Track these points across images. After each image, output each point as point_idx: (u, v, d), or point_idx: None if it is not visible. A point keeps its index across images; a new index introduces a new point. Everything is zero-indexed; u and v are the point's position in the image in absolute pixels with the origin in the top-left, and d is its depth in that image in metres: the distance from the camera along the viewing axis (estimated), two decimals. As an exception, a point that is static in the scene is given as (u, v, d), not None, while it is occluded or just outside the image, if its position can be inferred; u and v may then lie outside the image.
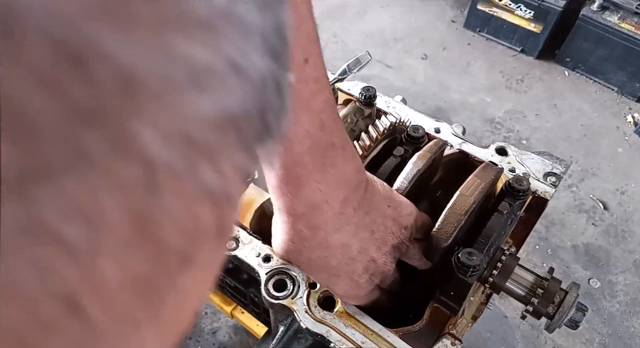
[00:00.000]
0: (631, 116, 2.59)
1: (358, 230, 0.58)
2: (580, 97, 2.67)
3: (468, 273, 0.66)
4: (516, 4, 2.65)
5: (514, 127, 2.49)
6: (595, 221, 2.15)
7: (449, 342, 0.71)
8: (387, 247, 0.63)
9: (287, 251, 0.60)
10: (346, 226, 0.56)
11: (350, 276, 0.62)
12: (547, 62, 2.81)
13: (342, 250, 0.58)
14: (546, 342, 1.80)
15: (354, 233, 0.58)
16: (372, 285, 0.65)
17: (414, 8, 3.11)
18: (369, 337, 0.71)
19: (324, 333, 0.71)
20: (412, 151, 0.78)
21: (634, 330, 1.86)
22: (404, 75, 2.72)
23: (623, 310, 1.90)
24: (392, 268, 0.65)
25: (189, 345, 1.71)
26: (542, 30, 2.68)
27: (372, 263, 0.62)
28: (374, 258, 0.62)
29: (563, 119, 2.56)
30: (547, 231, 2.09)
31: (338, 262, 0.59)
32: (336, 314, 0.72)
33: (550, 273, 0.74)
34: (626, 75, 2.61)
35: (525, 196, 0.75)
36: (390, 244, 0.63)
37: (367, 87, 0.85)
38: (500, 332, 1.81)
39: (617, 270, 2.01)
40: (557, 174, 0.87)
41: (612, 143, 2.46)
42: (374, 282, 0.65)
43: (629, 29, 2.47)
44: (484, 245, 0.69)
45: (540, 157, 0.88)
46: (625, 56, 2.54)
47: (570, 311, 0.70)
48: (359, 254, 0.60)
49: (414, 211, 0.67)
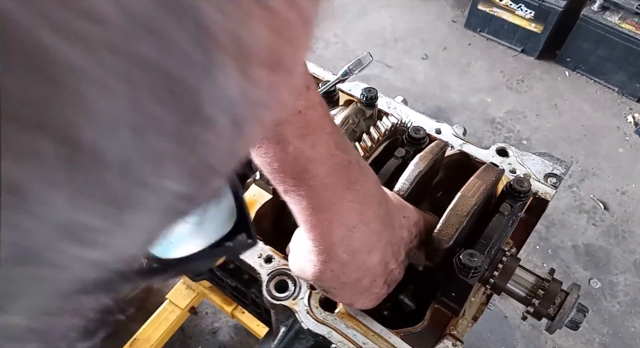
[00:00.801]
0: (631, 116, 2.59)
1: (387, 246, 0.57)
2: (580, 98, 2.67)
3: (469, 275, 0.66)
4: (517, 4, 2.65)
5: (515, 128, 2.49)
6: (595, 221, 2.15)
7: (450, 342, 0.71)
8: (402, 257, 0.63)
9: (324, 279, 0.57)
10: (378, 243, 0.56)
11: (374, 291, 0.61)
12: (547, 63, 2.81)
13: (374, 269, 0.57)
14: (546, 342, 1.80)
15: (384, 249, 0.57)
16: (387, 293, 0.65)
17: (415, 8, 3.11)
18: (370, 338, 0.72)
19: (326, 334, 0.72)
20: (414, 152, 0.78)
21: (634, 330, 1.86)
22: (404, 75, 2.72)
23: (623, 310, 1.90)
24: (402, 274, 0.66)
25: (190, 345, 1.72)
26: (543, 30, 2.68)
27: (391, 274, 0.62)
28: (393, 270, 0.61)
29: (563, 120, 2.56)
30: (547, 232, 2.10)
31: (369, 281, 0.58)
32: (337, 315, 0.73)
33: (551, 274, 0.74)
34: (627, 75, 2.61)
35: (526, 197, 0.75)
36: (404, 254, 0.63)
37: (368, 89, 0.85)
38: (501, 332, 1.81)
39: (618, 270, 2.01)
40: (558, 175, 0.87)
41: (612, 143, 2.47)
42: (389, 291, 0.65)
43: (629, 29, 2.47)
44: (485, 246, 0.69)
45: (540, 158, 0.88)
46: (626, 56, 2.54)
47: (571, 312, 0.70)
48: (384, 269, 0.59)
49: (420, 217, 0.66)
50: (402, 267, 0.63)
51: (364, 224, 0.51)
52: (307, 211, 0.49)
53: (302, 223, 0.51)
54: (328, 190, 0.47)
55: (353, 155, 0.49)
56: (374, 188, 0.53)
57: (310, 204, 0.48)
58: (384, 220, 0.55)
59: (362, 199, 0.50)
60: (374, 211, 0.53)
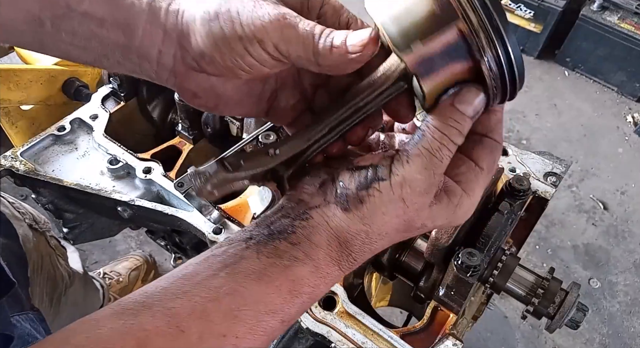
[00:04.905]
0: (631, 116, 2.60)
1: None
2: (580, 97, 2.67)
3: (469, 273, 0.66)
4: (516, 4, 2.65)
5: (514, 127, 2.50)
6: (595, 221, 2.16)
7: (450, 342, 0.71)
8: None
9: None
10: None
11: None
12: (547, 62, 2.81)
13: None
14: (546, 342, 1.80)
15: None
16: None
17: (414, 8, 3.11)
18: (370, 337, 0.71)
19: (325, 333, 0.71)
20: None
21: (634, 330, 1.86)
22: (404, 75, 2.72)
23: (623, 310, 1.90)
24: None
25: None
26: (542, 30, 2.68)
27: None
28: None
29: (563, 119, 2.56)
30: (547, 231, 2.10)
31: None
32: (337, 314, 0.72)
33: (550, 273, 0.74)
34: (626, 75, 2.61)
35: (525, 196, 0.75)
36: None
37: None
38: (501, 332, 1.81)
39: (617, 270, 2.01)
40: (558, 174, 0.87)
41: (612, 143, 2.47)
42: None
43: (628, 29, 2.47)
44: (485, 245, 0.69)
45: (540, 157, 0.88)
46: (625, 55, 2.54)
47: (571, 311, 0.70)
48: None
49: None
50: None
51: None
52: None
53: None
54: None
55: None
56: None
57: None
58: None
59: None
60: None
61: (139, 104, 1.19)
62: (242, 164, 0.43)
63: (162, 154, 1.06)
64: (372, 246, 0.44)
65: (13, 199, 1.09)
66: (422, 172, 0.41)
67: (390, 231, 0.43)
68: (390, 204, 0.41)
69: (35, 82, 1.23)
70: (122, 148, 1.03)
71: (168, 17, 0.43)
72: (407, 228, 0.44)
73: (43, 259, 1.09)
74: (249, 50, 0.41)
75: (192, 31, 0.42)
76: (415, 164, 0.41)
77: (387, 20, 0.38)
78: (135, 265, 1.76)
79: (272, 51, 0.41)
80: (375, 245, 0.44)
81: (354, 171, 0.43)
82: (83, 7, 0.42)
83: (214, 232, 0.89)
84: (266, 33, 0.40)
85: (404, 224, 0.43)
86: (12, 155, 1.00)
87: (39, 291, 1.08)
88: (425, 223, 0.44)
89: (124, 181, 1.01)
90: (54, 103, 1.31)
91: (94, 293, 1.50)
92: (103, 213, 1.12)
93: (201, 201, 0.94)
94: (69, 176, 1.00)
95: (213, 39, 0.41)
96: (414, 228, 0.44)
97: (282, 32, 0.40)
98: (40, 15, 0.42)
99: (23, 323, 0.68)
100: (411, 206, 0.42)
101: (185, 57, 0.43)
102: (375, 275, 1.10)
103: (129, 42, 0.43)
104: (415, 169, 0.41)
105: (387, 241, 0.44)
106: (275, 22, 0.40)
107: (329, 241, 0.42)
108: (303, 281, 0.41)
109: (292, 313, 0.42)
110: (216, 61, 0.42)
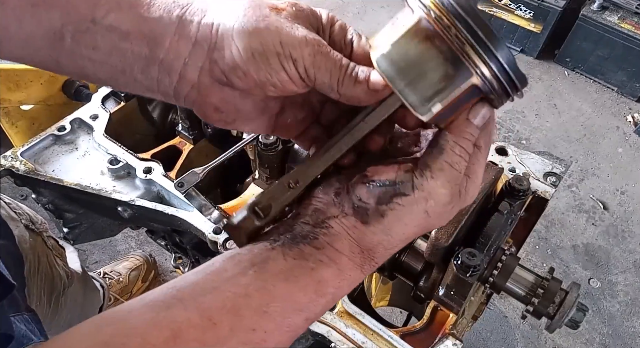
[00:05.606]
0: (631, 116, 2.60)
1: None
2: (580, 97, 2.67)
3: (468, 273, 0.66)
4: (516, 4, 2.65)
5: (514, 127, 2.50)
6: (595, 221, 2.16)
7: (450, 342, 0.71)
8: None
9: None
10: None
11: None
12: (546, 62, 2.81)
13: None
14: (546, 342, 1.80)
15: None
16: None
17: (414, 8, 3.11)
18: (370, 337, 0.72)
19: (325, 333, 0.71)
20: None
21: (634, 330, 1.86)
22: (404, 75, 2.72)
23: (623, 310, 1.90)
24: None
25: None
26: (542, 30, 2.68)
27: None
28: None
29: (563, 119, 2.56)
30: (547, 231, 2.10)
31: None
32: (337, 314, 0.73)
33: (550, 273, 0.74)
34: (626, 75, 2.61)
35: (525, 196, 0.75)
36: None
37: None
38: (500, 332, 1.81)
39: (617, 270, 2.01)
40: (557, 174, 0.87)
41: (612, 143, 2.47)
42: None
43: (628, 29, 2.47)
44: (485, 245, 0.69)
45: (540, 157, 0.88)
46: (625, 55, 2.54)
47: (571, 311, 0.70)
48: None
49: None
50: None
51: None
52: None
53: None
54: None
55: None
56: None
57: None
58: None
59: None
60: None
61: (139, 104, 1.19)
62: (272, 206, 0.44)
63: (162, 154, 1.06)
64: (393, 250, 0.47)
65: (9, 199, 1.09)
66: (445, 186, 0.43)
67: (411, 235, 0.46)
68: (412, 215, 0.44)
69: (35, 82, 1.24)
70: (123, 148, 1.03)
71: (200, 30, 0.43)
72: (426, 230, 0.47)
73: (40, 259, 1.09)
74: (285, 66, 0.43)
75: (227, 44, 0.43)
76: (439, 179, 0.43)
77: (404, 88, 0.41)
78: (135, 264, 1.76)
79: (302, 72, 0.43)
80: (396, 248, 0.47)
81: (369, 185, 0.44)
82: (108, 21, 0.42)
83: (214, 232, 0.89)
84: (301, 55, 0.42)
85: (424, 229, 0.46)
86: (12, 155, 1.00)
87: (37, 292, 1.08)
88: (442, 222, 0.47)
89: (124, 181, 1.01)
90: (54, 103, 1.31)
91: (94, 293, 1.50)
92: (103, 213, 1.12)
93: (201, 201, 0.94)
94: (69, 176, 1.00)
95: (251, 52, 0.42)
96: (432, 228, 0.48)
97: (315, 57, 0.43)
98: (63, 30, 0.42)
99: (18, 324, 0.68)
100: (433, 215, 0.45)
101: (213, 69, 0.44)
102: (375, 274, 1.10)
103: (153, 54, 0.43)
104: (440, 183, 0.43)
105: (406, 242, 0.48)
106: (311, 47, 0.43)
107: (351, 249, 0.45)
108: (328, 282, 0.44)
109: (316, 311, 0.44)
110: (249, 75, 0.43)
